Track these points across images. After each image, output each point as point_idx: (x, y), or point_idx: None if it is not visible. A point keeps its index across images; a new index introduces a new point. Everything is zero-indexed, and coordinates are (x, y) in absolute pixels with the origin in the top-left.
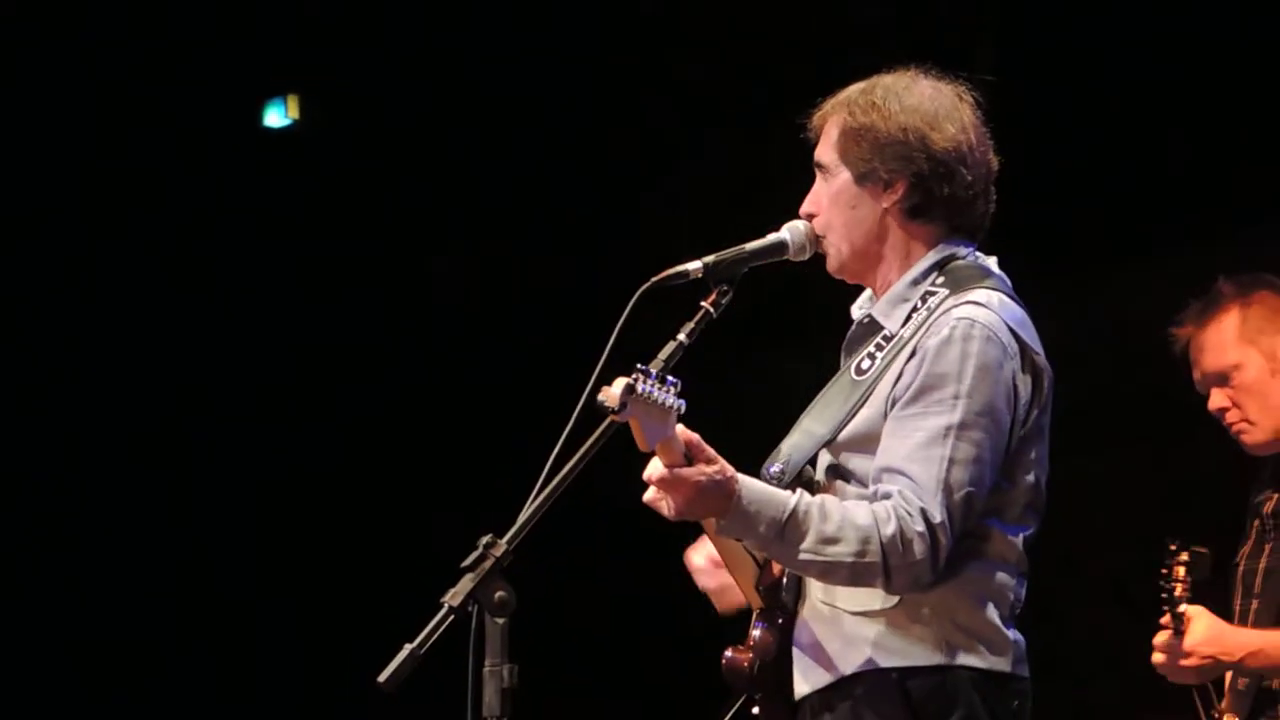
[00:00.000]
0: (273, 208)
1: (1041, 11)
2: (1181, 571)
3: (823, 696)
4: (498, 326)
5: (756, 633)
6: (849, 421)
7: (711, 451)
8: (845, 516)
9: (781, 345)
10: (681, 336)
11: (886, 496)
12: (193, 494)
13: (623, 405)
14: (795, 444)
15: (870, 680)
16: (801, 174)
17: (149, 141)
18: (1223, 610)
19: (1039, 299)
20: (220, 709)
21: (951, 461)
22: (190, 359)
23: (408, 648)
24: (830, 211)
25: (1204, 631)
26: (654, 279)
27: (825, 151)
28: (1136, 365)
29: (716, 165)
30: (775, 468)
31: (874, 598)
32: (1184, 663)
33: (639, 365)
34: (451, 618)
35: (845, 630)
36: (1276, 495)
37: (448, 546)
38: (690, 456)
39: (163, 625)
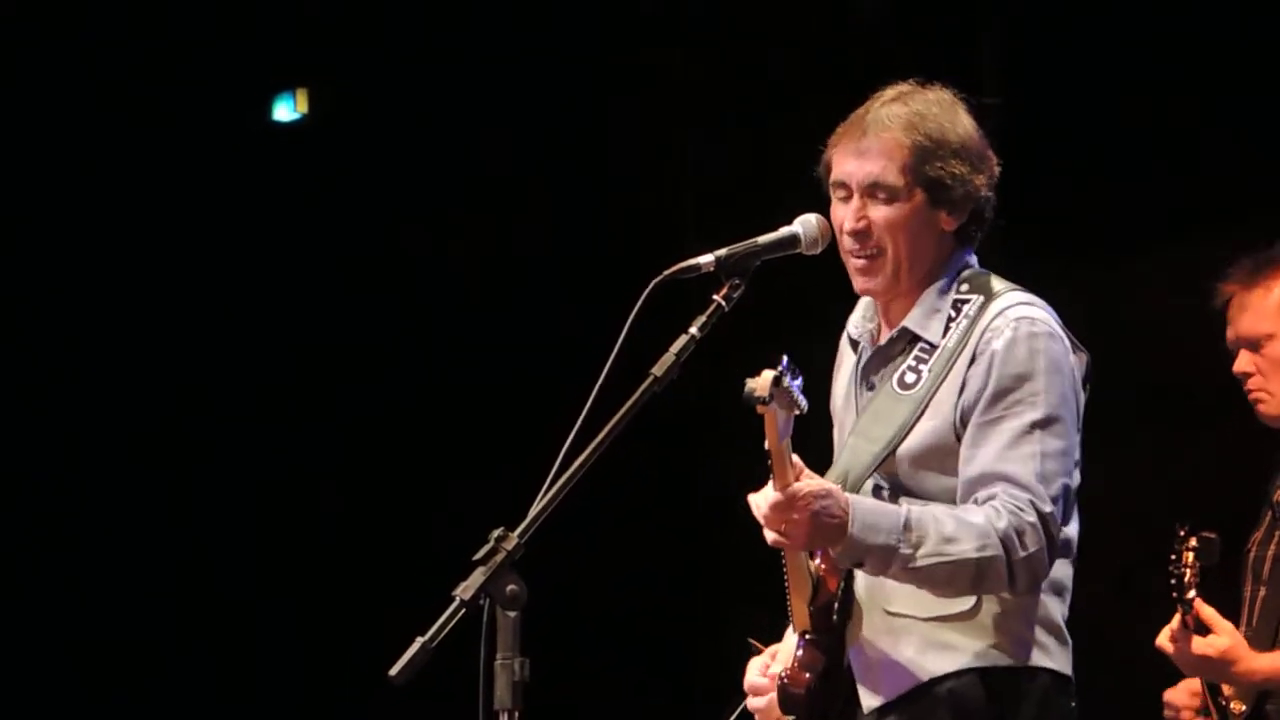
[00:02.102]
0: (281, 202)
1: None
2: (1190, 557)
3: (900, 705)
4: (507, 320)
5: (801, 652)
6: (906, 435)
7: (822, 482)
8: (958, 517)
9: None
10: (694, 330)
11: (990, 498)
12: (193, 493)
13: (770, 396)
14: (850, 460)
15: (952, 683)
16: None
17: (157, 136)
18: (1232, 596)
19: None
20: (224, 709)
21: (1043, 455)
22: (197, 355)
23: (419, 641)
24: (896, 234)
25: (1227, 648)
26: (665, 272)
27: (890, 174)
28: (1144, 356)
29: (722, 160)
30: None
31: (949, 602)
32: (1190, 665)
33: (782, 358)
34: (463, 611)
35: (920, 638)
36: None
37: (454, 543)
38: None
39: (163, 625)
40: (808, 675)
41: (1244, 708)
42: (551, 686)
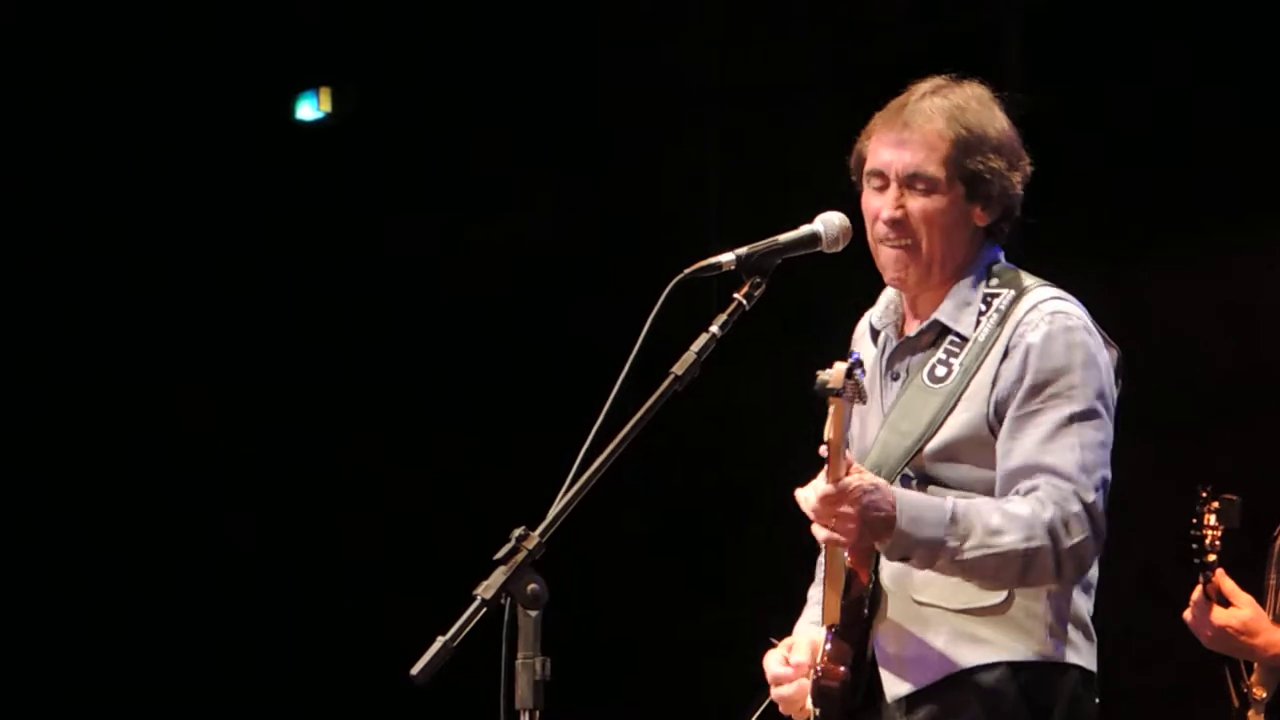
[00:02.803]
0: (305, 201)
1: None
2: (1212, 519)
3: (927, 695)
4: (528, 317)
5: (830, 646)
6: (938, 429)
7: (872, 477)
8: (1003, 509)
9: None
10: (714, 329)
11: (1033, 489)
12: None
13: (844, 388)
14: (881, 453)
15: (983, 675)
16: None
17: (181, 135)
18: (1256, 583)
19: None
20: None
21: (1083, 447)
22: (219, 352)
23: (440, 640)
24: (932, 227)
25: (1244, 621)
26: (686, 271)
27: (931, 165)
28: (1170, 352)
29: (745, 156)
30: None
31: (981, 594)
32: (1211, 635)
33: (852, 351)
34: (484, 610)
35: (951, 628)
36: None
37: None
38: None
39: (164, 623)
40: (841, 668)
41: (1265, 694)
42: (573, 686)
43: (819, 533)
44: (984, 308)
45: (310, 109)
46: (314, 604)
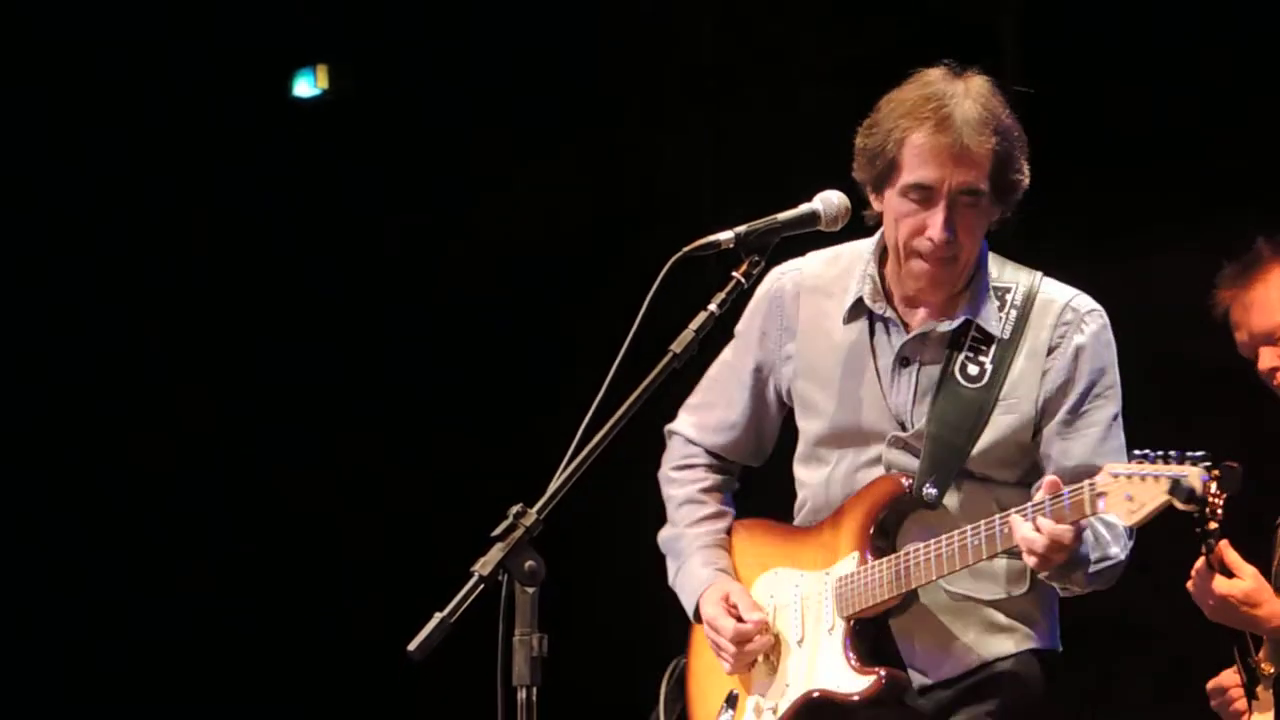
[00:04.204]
0: (302, 178)
1: None
2: (1213, 486)
3: (959, 684)
4: (528, 294)
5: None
6: (983, 430)
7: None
8: (1092, 525)
9: None
10: (713, 307)
11: None
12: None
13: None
14: (934, 459)
15: (1013, 663)
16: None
17: (178, 112)
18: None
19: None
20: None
21: (1123, 447)
22: (218, 329)
23: (438, 616)
24: (971, 238)
25: (1249, 590)
26: (685, 249)
27: (981, 180)
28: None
29: (743, 136)
30: (930, 489)
31: (1010, 585)
32: (1213, 604)
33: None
34: (482, 587)
35: (981, 619)
36: None
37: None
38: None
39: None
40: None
41: (1273, 669)
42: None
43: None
44: (999, 303)
45: (307, 86)
46: (314, 604)
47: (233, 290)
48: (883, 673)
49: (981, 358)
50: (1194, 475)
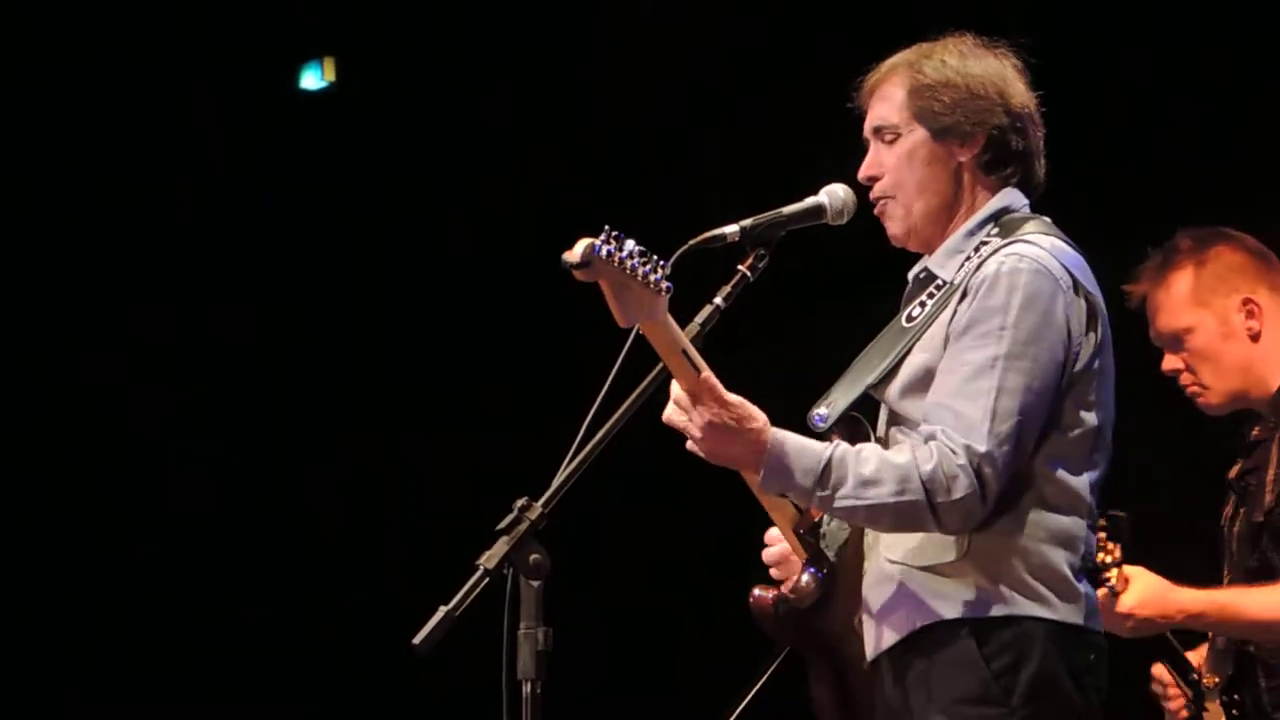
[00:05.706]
0: (309, 171)
1: None
2: (1102, 537)
3: (894, 655)
4: (531, 285)
5: (804, 578)
6: (898, 367)
7: (730, 397)
8: (883, 459)
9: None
10: (718, 300)
11: (931, 436)
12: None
13: (584, 262)
14: (841, 390)
15: (941, 632)
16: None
17: (185, 105)
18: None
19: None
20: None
21: (1000, 390)
22: (225, 323)
23: (442, 610)
24: (901, 172)
25: (1141, 592)
26: (690, 242)
27: (890, 113)
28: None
29: (752, 127)
30: (820, 411)
31: (943, 551)
32: (1124, 624)
33: (608, 228)
34: (487, 580)
35: (915, 586)
36: (1239, 461)
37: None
38: (695, 394)
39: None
40: (774, 593)
41: (1217, 680)
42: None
43: (666, 414)
44: (971, 254)
45: (314, 79)
46: (314, 604)
47: (233, 290)
48: (754, 591)
49: (929, 301)
50: None
